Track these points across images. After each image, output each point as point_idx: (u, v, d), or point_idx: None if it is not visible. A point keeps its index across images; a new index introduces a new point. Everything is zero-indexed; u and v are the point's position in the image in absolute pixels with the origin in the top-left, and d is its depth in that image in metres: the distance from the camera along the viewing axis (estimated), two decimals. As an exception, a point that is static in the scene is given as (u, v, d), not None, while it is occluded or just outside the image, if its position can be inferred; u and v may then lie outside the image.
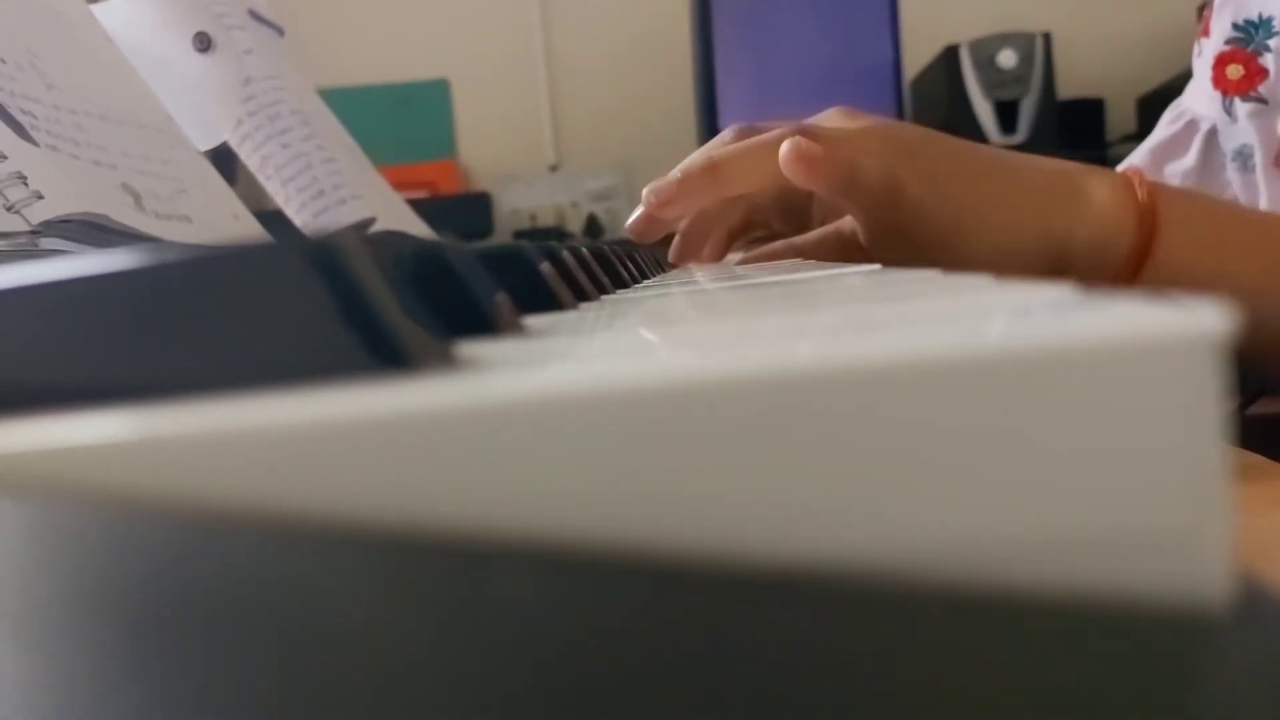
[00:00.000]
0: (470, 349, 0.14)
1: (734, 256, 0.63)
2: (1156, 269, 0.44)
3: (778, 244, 0.55)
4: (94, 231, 0.35)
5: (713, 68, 1.48)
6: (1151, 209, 0.44)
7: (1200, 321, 0.09)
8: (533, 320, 0.22)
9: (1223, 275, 0.44)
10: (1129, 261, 0.44)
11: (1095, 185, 0.45)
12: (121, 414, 0.10)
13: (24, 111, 0.35)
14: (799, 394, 0.09)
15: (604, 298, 0.33)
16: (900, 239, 0.45)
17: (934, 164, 0.45)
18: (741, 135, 0.49)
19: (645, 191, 0.48)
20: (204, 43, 0.54)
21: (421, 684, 0.07)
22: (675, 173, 0.47)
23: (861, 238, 0.47)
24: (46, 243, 0.33)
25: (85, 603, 0.08)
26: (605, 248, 0.45)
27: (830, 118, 0.48)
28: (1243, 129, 0.65)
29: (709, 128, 1.47)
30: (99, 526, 0.10)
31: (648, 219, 0.49)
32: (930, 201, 0.44)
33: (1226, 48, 0.65)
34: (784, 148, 0.43)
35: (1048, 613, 0.09)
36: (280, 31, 0.65)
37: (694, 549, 0.09)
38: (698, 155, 0.48)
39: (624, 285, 0.43)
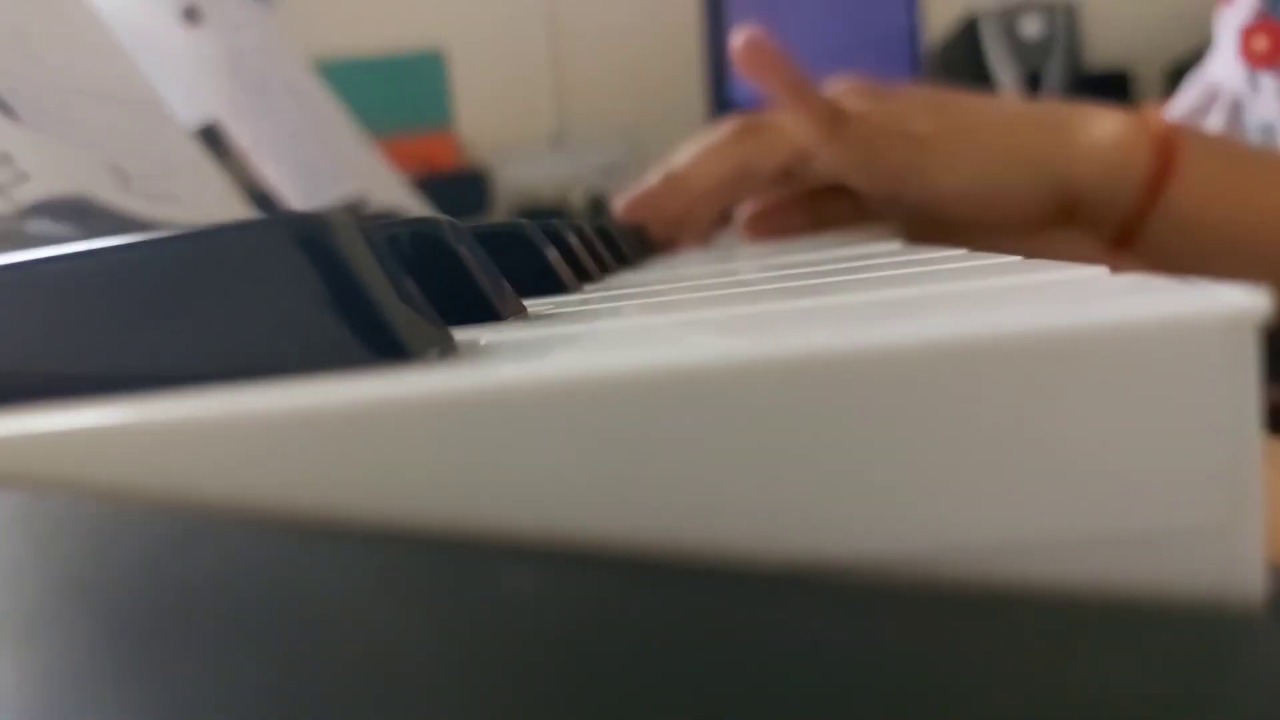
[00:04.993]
0: (469, 334, 0.14)
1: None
2: (1174, 202, 0.44)
3: (781, 197, 0.55)
4: (82, 212, 0.35)
5: (723, 35, 1.47)
6: (1166, 141, 0.44)
7: (1236, 304, 0.09)
8: (534, 303, 0.22)
9: (1244, 212, 0.44)
10: (1142, 194, 0.44)
11: (1099, 120, 0.46)
12: (108, 403, 0.10)
13: (9, 89, 0.35)
14: (817, 380, 0.09)
15: (608, 278, 0.33)
16: (865, 179, 0.46)
17: (895, 107, 0.47)
18: (743, 125, 0.51)
19: (618, 202, 0.52)
20: (193, 17, 0.54)
21: (421, 677, 0.07)
22: (640, 187, 0.52)
23: (852, 182, 0.48)
24: (33, 224, 0.33)
25: (74, 597, 0.08)
26: (609, 225, 0.44)
27: (837, 84, 0.50)
28: (1267, 103, 0.65)
29: (719, 96, 1.46)
30: (88, 518, 0.10)
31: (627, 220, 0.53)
32: (883, 134, 0.46)
33: (1252, 18, 0.64)
34: (741, 37, 0.46)
35: (1077, 608, 0.08)
36: (271, 5, 0.65)
37: (702, 540, 0.09)
38: (657, 171, 0.52)
39: (628, 264, 0.43)
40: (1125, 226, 0.45)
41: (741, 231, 0.53)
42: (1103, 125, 0.46)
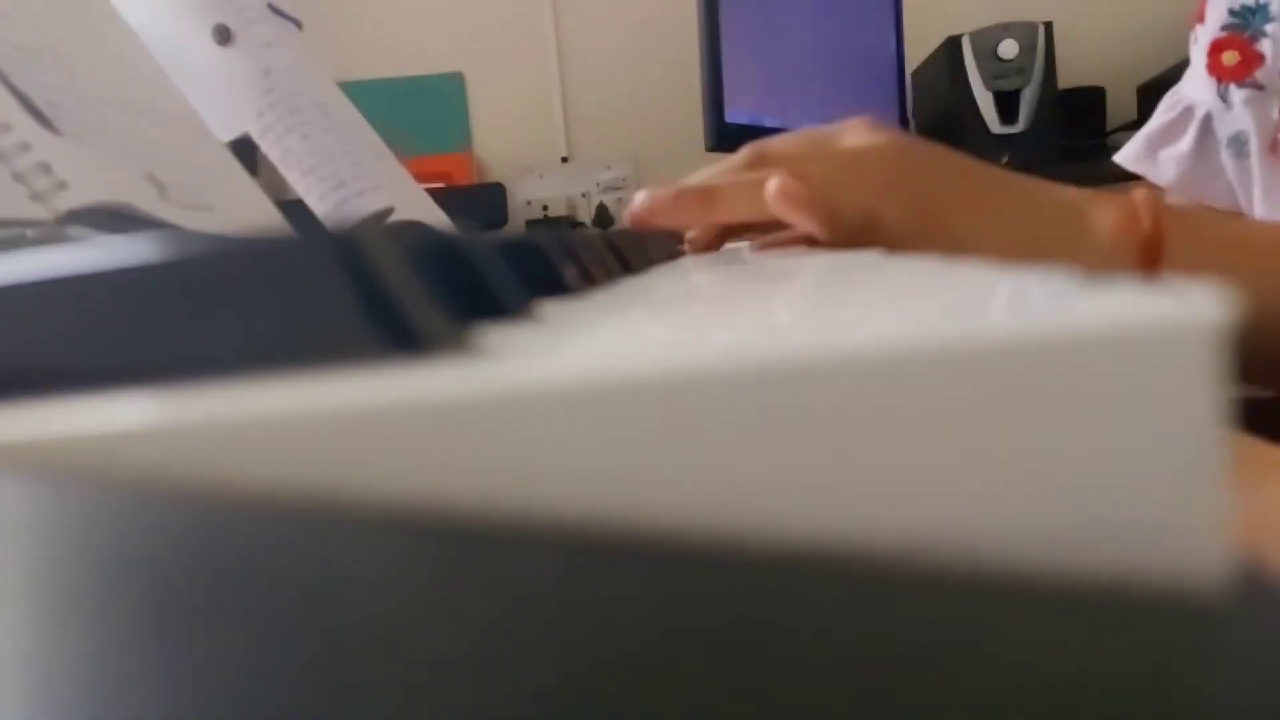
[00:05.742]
0: (487, 336, 0.14)
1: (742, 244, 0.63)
2: None
3: (793, 234, 0.55)
4: (118, 221, 0.35)
5: (719, 60, 1.47)
6: (1155, 240, 0.44)
7: (1200, 307, 0.09)
8: (547, 308, 0.22)
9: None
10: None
11: (1099, 216, 0.46)
12: (148, 400, 0.10)
13: (48, 102, 0.35)
14: (801, 382, 0.09)
15: (616, 285, 0.33)
16: None
17: (923, 198, 0.47)
18: (754, 156, 0.50)
19: (641, 195, 0.50)
20: (224, 35, 0.54)
21: (440, 665, 0.07)
22: (673, 188, 0.50)
23: None
24: (72, 232, 0.33)
25: (115, 587, 0.08)
26: (615, 236, 0.45)
27: (852, 128, 0.49)
28: (1238, 115, 0.65)
29: (716, 120, 1.46)
30: (128, 510, 0.10)
31: (641, 220, 0.52)
32: (913, 234, 0.45)
33: (1222, 34, 0.64)
34: (770, 186, 0.46)
35: (1045, 599, 0.09)
36: (298, 25, 0.65)
37: (709, 534, 0.09)
38: (698, 178, 0.51)
39: (634, 273, 0.43)
40: None
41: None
42: (1103, 221, 0.46)
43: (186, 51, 0.53)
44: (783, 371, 0.09)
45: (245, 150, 0.52)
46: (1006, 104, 1.57)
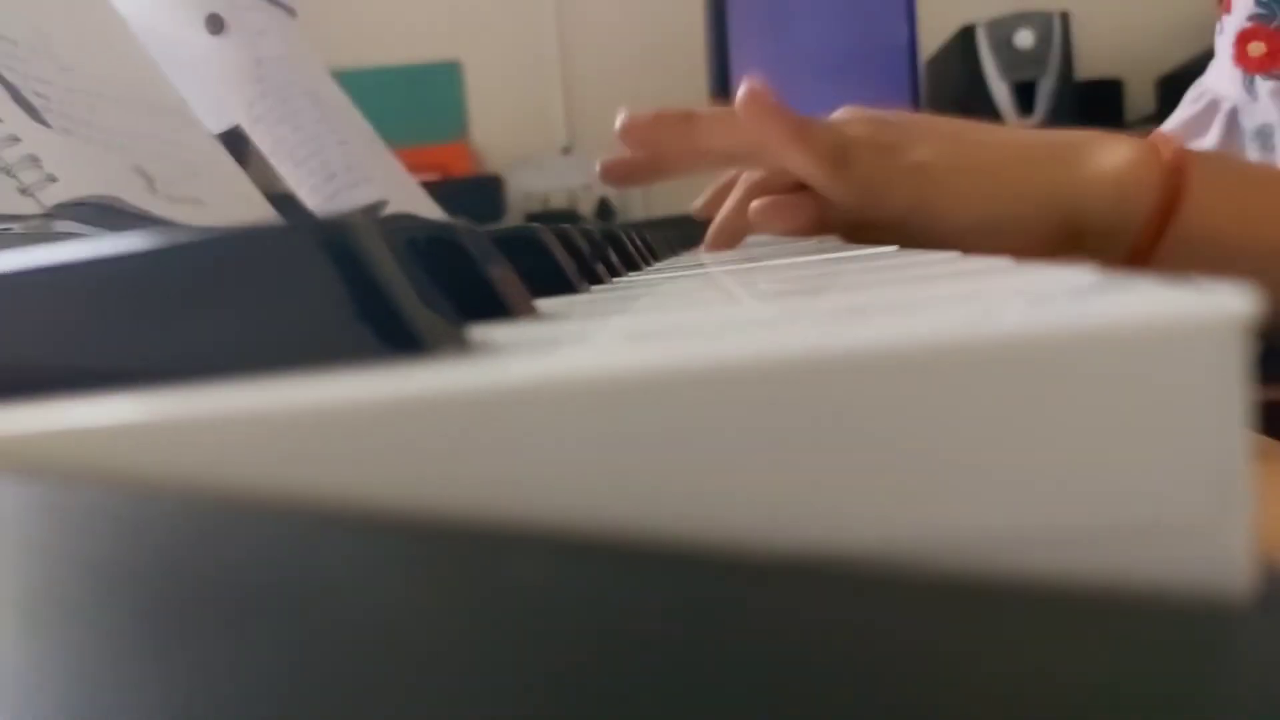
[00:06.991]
0: (482, 332, 0.14)
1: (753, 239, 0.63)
2: (1184, 230, 0.42)
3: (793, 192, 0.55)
4: (107, 214, 0.35)
5: (727, 49, 1.47)
6: (1177, 168, 0.43)
7: (1223, 305, 0.09)
8: (545, 303, 0.22)
9: (1255, 239, 0.43)
10: (1152, 223, 0.43)
11: (1110, 150, 0.44)
12: (136, 397, 0.10)
13: (37, 94, 0.35)
14: (813, 380, 0.09)
15: (616, 280, 0.33)
16: (870, 211, 0.45)
17: (900, 134, 0.46)
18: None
19: (622, 116, 0.50)
20: (216, 25, 0.54)
21: (436, 666, 0.07)
22: (653, 109, 0.49)
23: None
24: (60, 226, 0.33)
25: (102, 587, 0.08)
26: (618, 230, 0.45)
27: (841, 112, 0.49)
28: (1264, 107, 0.64)
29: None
30: (116, 510, 0.10)
31: (617, 162, 0.51)
32: (885, 177, 0.44)
33: (1249, 24, 0.64)
34: (740, 90, 0.45)
35: (1066, 602, 0.09)
36: (292, 13, 0.65)
37: (708, 535, 0.09)
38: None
39: (636, 267, 0.43)
40: (1135, 253, 0.43)
41: (751, 217, 0.52)
42: (1113, 154, 0.44)
43: (178, 41, 0.53)
44: (785, 371, 0.09)
45: (236, 141, 0.52)
46: (1022, 95, 1.56)
